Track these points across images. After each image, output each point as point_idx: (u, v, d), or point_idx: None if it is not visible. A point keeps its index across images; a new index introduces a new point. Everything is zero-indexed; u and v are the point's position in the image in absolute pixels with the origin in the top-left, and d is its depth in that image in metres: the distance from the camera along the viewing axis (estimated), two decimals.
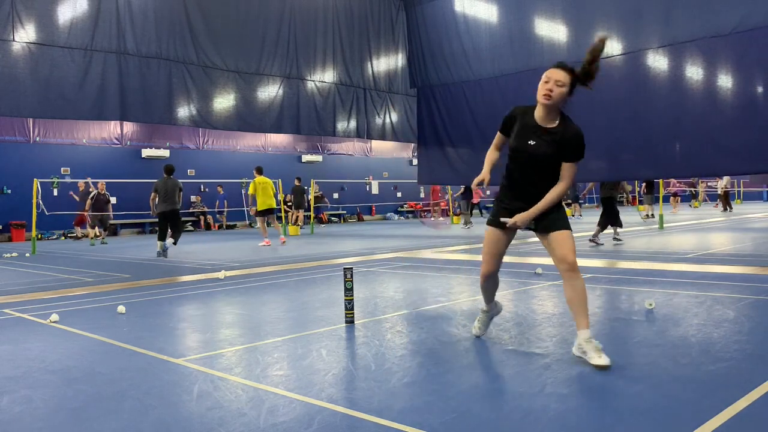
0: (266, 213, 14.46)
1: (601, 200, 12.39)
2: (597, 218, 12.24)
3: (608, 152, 11.47)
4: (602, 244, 11.74)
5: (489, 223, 4.16)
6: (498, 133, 4.22)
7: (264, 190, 14.43)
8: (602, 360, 3.58)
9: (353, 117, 14.99)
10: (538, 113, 3.97)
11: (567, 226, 3.91)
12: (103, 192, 17.89)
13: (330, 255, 11.50)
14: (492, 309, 4.48)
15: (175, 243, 12.41)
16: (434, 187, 29.93)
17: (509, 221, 3.94)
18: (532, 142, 3.90)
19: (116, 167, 21.47)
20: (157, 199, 12.20)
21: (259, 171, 14.70)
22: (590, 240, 11.83)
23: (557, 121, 3.93)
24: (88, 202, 17.72)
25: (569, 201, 24.51)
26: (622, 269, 8.13)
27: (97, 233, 17.86)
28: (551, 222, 3.91)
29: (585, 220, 21.36)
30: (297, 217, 21.15)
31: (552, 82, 3.90)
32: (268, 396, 3.29)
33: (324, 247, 13.61)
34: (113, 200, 21.84)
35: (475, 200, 29.44)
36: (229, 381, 3.58)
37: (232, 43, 12.71)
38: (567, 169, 3.88)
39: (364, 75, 15.09)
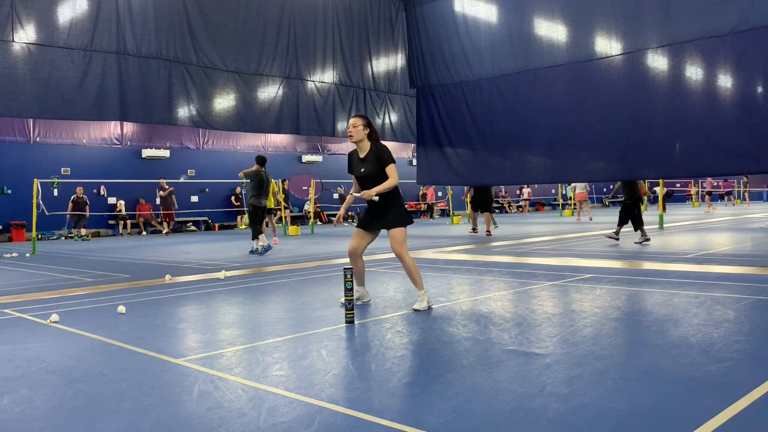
0: (269, 212, 14.53)
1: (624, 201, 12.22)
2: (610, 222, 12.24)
3: (607, 152, 11.48)
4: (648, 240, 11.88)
5: (358, 225, 5.90)
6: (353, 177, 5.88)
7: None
8: (418, 306, 5.58)
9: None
10: (358, 149, 5.78)
11: (400, 225, 5.63)
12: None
13: (330, 255, 11.50)
14: (360, 291, 6.01)
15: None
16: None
17: (364, 194, 5.55)
18: (363, 170, 5.68)
19: (116, 167, 21.46)
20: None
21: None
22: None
23: (368, 149, 5.69)
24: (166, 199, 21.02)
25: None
26: (622, 269, 8.13)
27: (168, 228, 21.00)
28: (388, 221, 5.65)
29: (597, 220, 21.37)
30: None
31: (350, 127, 5.70)
32: (268, 396, 3.29)
33: (324, 247, 13.61)
34: (112, 200, 21.88)
35: None
36: (229, 381, 3.58)
37: (231, 43, 12.70)
38: (389, 170, 5.57)
39: (363, 75, 15.09)
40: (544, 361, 3.79)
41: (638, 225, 11.91)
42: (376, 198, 5.51)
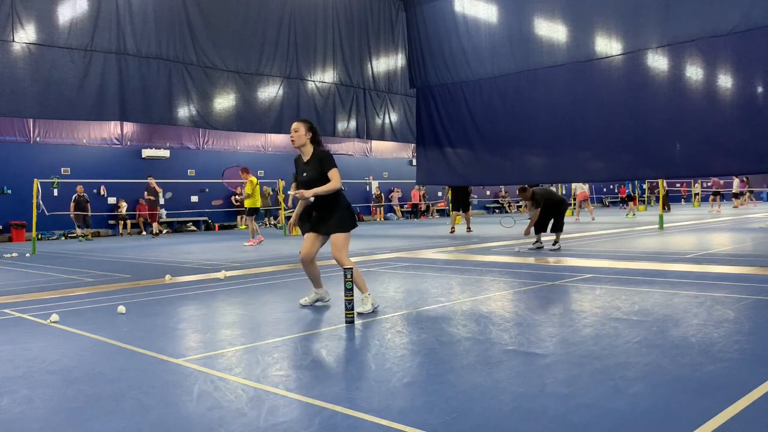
0: (252, 213, 14.73)
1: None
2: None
3: (607, 152, 11.48)
4: (542, 247, 11.22)
5: (309, 230, 5.83)
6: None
7: (257, 190, 14.62)
8: (362, 308, 5.46)
9: (353, 117, 15.00)
10: (302, 154, 5.77)
11: (341, 230, 5.62)
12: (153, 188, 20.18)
13: (330, 255, 11.49)
14: (319, 293, 6.05)
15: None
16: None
17: (298, 193, 5.52)
18: (305, 174, 5.64)
19: (116, 167, 21.46)
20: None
21: (247, 171, 15.33)
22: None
23: (311, 153, 5.67)
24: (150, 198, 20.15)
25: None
26: (622, 269, 8.13)
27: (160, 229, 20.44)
28: (330, 226, 5.64)
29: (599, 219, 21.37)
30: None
31: (293, 131, 5.74)
32: (268, 396, 3.29)
33: (324, 247, 13.60)
34: (112, 200, 21.89)
35: None
36: (229, 381, 3.58)
37: (232, 43, 12.71)
38: (331, 174, 5.52)
39: (363, 75, 15.10)
40: (544, 361, 3.79)
41: (539, 229, 11.35)
42: (312, 199, 5.57)
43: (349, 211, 5.71)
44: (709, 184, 28.41)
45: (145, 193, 20.50)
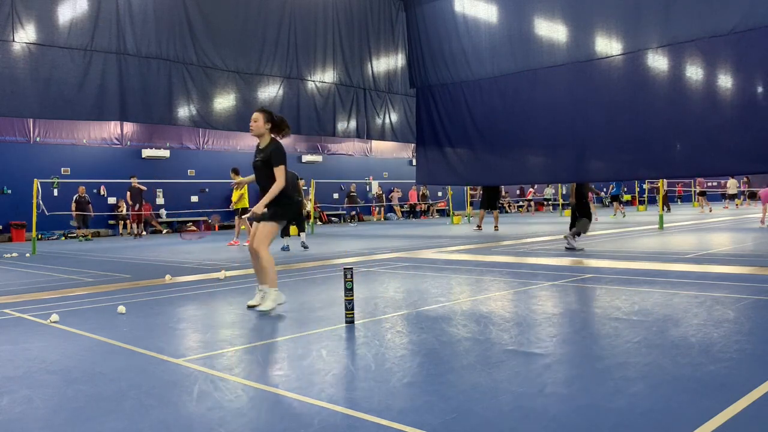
0: (243, 212, 14.90)
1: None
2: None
3: (607, 152, 11.48)
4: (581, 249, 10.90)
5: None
6: None
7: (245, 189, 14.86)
8: (264, 306, 5.59)
9: (353, 117, 14.99)
10: (259, 141, 5.89)
11: (268, 219, 5.71)
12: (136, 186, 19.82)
13: (330, 255, 11.50)
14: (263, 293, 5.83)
15: (302, 235, 13.20)
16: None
17: (252, 212, 5.71)
18: (257, 158, 5.82)
19: (116, 167, 21.45)
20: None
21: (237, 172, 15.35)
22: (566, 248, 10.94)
23: (267, 143, 5.82)
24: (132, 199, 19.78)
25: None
26: (622, 269, 8.13)
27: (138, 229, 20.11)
28: (265, 215, 5.71)
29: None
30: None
31: (252, 120, 5.83)
32: (268, 396, 3.29)
33: (324, 247, 13.61)
34: (112, 199, 21.88)
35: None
36: (229, 381, 3.58)
37: (232, 43, 12.71)
38: (276, 172, 5.66)
39: (363, 75, 15.09)
40: (544, 361, 3.79)
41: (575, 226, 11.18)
42: (264, 210, 5.68)
43: (285, 203, 5.82)
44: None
45: (128, 194, 19.93)
